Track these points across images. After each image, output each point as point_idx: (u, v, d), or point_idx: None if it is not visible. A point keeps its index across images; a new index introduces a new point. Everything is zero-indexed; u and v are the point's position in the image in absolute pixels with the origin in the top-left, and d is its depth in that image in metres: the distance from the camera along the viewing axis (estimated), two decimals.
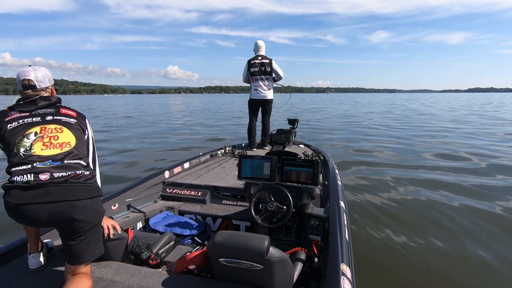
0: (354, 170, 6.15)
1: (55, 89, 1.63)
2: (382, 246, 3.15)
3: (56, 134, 1.42)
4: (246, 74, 4.87)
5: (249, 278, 1.40)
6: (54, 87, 1.62)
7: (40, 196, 1.29)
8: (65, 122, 1.49)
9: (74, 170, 1.37)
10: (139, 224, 2.53)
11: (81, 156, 1.45)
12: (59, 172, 1.33)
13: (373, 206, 4.18)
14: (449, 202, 4.29)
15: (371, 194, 4.69)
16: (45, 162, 1.34)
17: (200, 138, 10.78)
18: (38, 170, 1.31)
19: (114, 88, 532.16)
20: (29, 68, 1.53)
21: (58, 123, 1.46)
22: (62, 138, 1.43)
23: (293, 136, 5.07)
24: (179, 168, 3.47)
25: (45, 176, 1.30)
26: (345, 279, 1.33)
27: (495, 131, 11.60)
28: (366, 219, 3.78)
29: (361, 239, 3.22)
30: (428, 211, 4.00)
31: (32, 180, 1.29)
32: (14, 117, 1.43)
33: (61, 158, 1.37)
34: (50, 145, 1.39)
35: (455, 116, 18.91)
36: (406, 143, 9.26)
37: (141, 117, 20.21)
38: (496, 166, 6.22)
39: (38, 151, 1.35)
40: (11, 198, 1.28)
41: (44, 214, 1.29)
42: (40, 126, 1.42)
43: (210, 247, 1.44)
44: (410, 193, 4.75)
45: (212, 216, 2.69)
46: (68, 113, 1.54)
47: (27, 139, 1.37)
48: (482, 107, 29.34)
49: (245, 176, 2.32)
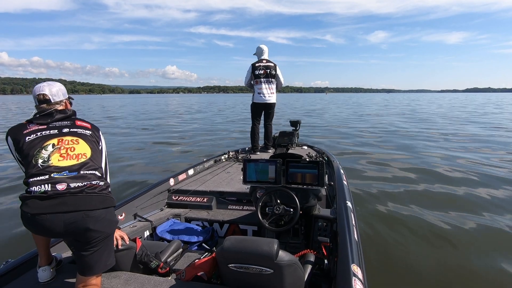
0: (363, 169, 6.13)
1: (70, 102, 1.69)
2: (392, 245, 3.11)
3: (72, 145, 1.47)
4: (250, 77, 4.84)
5: (259, 283, 1.38)
6: (68, 101, 1.67)
7: (56, 206, 1.31)
8: (81, 134, 1.53)
9: (89, 180, 1.40)
10: (146, 232, 2.53)
11: (96, 167, 1.48)
12: (76, 182, 1.36)
13: (381, 205, 4.15)
14: (463, 200, 4.25)
15: (380, 192, 4.66)
16: (62, 173, 1.37)
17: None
18: (55, 180, 1.34)
19: (112, 88, 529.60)
20: (44, 84, 1.59)
21: (74, 135, 1.51)
22: (78, 149, 1.47)
23: (296, 137, 5.06)
24: (184, 175, 3.47)
25: (62, 186, 1.33)
26: (356, 280, 1.32)
27: None
28: (374, 218, 3.75)
29: (370, 239, 3.19)
30: (443, 209, 3.95)
31: (50, 190, 1.31)
32: (32, 129, 1.48)
33: (77, 169, 1.41)
34: (67, 156, 1.42)
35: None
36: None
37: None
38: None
39: (56, 162, 1.39)
40: (28, 208, 1.30)
41: (60, 224, 1.31)
42: (58, 138, 1.46)
43: (219, 253, 1.43)
44: (424, 190, 4.71)
45: (219, 222, 2.68)
46: (83, 125, 1.59)
47: (45, 151, 1.41)
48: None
49: (250, 180, 2.31)
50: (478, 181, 5.05)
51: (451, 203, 4.09)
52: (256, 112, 4.97)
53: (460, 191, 4.55)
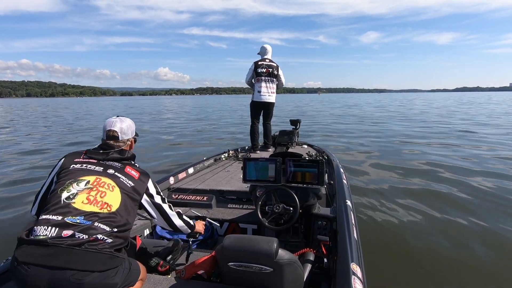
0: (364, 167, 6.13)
1: (135, 140, 1.67)
2: (392, 244, 3.12)
3: (105, 190, 1.34)
4: (251, 75, 4.80)
5: (259, 282, 1.39)
6: (134, 139, 1.65)
7: (45, 257, 1.12)
8: (122, 182, 1.41)
9: (96, 234, 1.22)
10: (146, 231, 2.53)
11: (116, 224, 1.30)
12: (82, 233, 1.20)
13: (381, 204, 4.15)
14: (463, 197, 4.25)
15: (380, 192, 4.67)
16: (76, 218, 1.23)
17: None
18: (64, 225, 1.20)
19: (103, 90, 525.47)
20: (116, 120, 1.58)
21: (114, 181, 1.39)
22: (108, 197, 1.33)
23: (296, 136, 5.06)
24: (184, 173, 3.47)
25: (68, 232, 1.18)
26: (356, 279, 1.32)
27: None
28: (374, 216, 3.75)
29: (370, 238, 3.19)
30: (440, 206, 3.97)
31: (55, 235, 1.17)
32: (83, 160, 1.43)
33: (92, 218, 1.25)
34: (93, 200, 1.29)
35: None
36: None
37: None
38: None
39: (78, 204, 1.26)
40: (18, 253, 1.14)
41: (43, 283, 1.10)
42: (96, 177, 1.37)
43: (219, 251, 1.43)
44: (422, 187, 4.72)
45: (218, 220, 2.69)
46: (131, 173, 1.47)
47: (76, 186, 1.32)
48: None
49: (250, 179, 2.31)
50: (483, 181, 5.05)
51: (451, 203, 4.09)
52: (255, 111, 4.96)
53: (462, 191, 4.55)
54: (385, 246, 3.07)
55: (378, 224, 3.56)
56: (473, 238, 3.17)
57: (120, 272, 1.26)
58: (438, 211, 3.82)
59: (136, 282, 1.37)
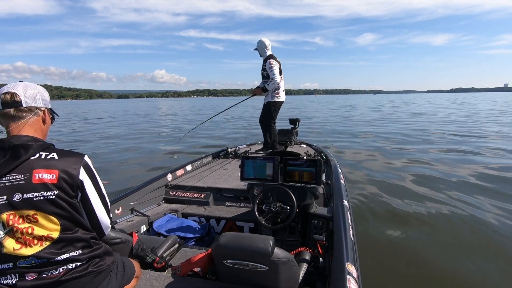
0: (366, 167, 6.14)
1: (52, 117, 1.25)
2: (387, 244, 3.12)
3: (29, 225, 1.02)
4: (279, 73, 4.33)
5: (255, 280, 1.39)
6: (47, 111, 1.21)
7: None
8: (38, 201, 1.03)
9: (65, 264, 1.06)
10: (143, 227, 2.53)
11: (72, 239, 1.09)
12: (48, 270, 1.04)
13: (377, 204, 4.16)
14: (457, 197, 4.26)
15: (376, 192, 4.68)
16: (28, 260, 1.02)
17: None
18: (22, 271, 1.02)
19: (100, 93, 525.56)
20: (18, 83, 1.16)
21: (30, 207, 1.02)
22: (38, 230, 1.03)
23: (295, 136, 5.06)
24: (182, 170, 3.47)
25: (32, 275, 1.03)
26: (351, 279, 1.32)
27: None
28: (370, 217, 3.76)
29: (366, 238, 3.21)
30: (435, 208, 3.97)
31: (18, 280, 1.01)
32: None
33: (45, 256, 1.03)
34: (24, 242, 1.02)
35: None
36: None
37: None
38: None
39: (12, 251, 1.00)
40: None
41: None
42: (7, 214, 1.01)
43: (215, 249, 1.43)
44: (418, 190, 4.73)
45: (215, 218, 2.69)
46: (43, 180, 1.03)
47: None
48: None
49: (248, 177, 2.32)
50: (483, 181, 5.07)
51: (449, 204, 4.11)
52: (278, 111, 4.53)
53: (461, 191, 4.56)
54: (381, 247, 3.07)
55: (374, 224, 3.57)
56: (471, 239, 3.18)
57: (113, 278, 1.20)
58: (435, 212, 3.83)
59: (131, 280, 1.37)
